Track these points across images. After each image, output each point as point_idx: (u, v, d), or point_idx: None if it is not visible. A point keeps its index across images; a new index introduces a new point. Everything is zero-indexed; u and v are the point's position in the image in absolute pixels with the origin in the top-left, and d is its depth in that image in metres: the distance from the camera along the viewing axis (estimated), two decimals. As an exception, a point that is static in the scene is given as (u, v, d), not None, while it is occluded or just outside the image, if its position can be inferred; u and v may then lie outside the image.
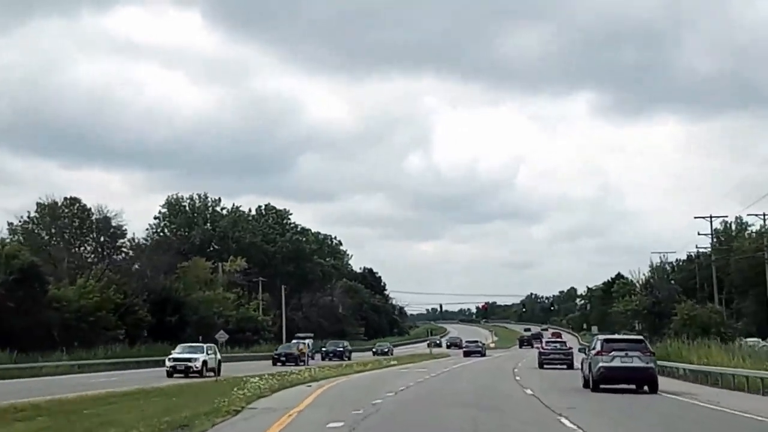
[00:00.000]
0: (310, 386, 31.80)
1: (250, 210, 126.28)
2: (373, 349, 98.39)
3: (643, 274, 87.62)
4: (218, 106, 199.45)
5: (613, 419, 20.78)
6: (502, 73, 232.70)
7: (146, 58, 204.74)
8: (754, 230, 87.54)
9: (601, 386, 29.08)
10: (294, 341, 73.97)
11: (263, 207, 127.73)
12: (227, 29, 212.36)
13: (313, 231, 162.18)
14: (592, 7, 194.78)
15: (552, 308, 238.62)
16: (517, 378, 39.92)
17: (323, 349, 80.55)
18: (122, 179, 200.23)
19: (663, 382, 32.09)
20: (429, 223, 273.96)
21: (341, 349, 78.97)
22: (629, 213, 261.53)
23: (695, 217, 78.97)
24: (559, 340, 66.33)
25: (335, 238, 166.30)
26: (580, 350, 42.49)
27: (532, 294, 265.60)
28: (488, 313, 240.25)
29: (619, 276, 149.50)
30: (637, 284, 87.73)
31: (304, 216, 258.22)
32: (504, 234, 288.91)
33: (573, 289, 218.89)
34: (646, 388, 29.18)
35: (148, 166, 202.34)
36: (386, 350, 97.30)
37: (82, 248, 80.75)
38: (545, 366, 50.63)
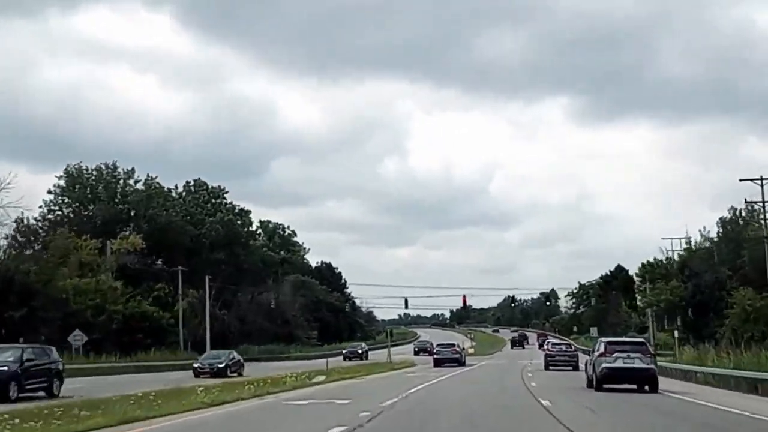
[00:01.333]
0: None
1: (176, 186, 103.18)
2: (344, 352, 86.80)
3: (675, 254, 65.47)
4: (189, 109, 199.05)
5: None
6: (478, 78, 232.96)
7: (116, 60, 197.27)
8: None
9: (604, 386, 30.28)
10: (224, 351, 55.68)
11: (192, 183, 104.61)
12: (198, 31, 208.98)
13: (263, 220, 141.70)
14: (567, 11, 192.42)
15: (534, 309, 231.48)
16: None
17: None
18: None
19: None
20: (403, 229, 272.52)
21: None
22: (604, 218, 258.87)
23: (740, 180, 58.00)
24: (564, 342, 67.62)
25: (288, 227, 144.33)
26: None
27: (509, 297, 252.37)
28: (463, 316, 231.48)
29: (619, 269, 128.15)
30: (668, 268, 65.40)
31: (276, 220, 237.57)
32: (478, 239, 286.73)
33: (554, 291, 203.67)
34: (647, 387, 30.32)
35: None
36: (360, 352, 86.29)
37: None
38: (551, 368, 52.42)
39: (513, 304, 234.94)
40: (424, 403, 24.24)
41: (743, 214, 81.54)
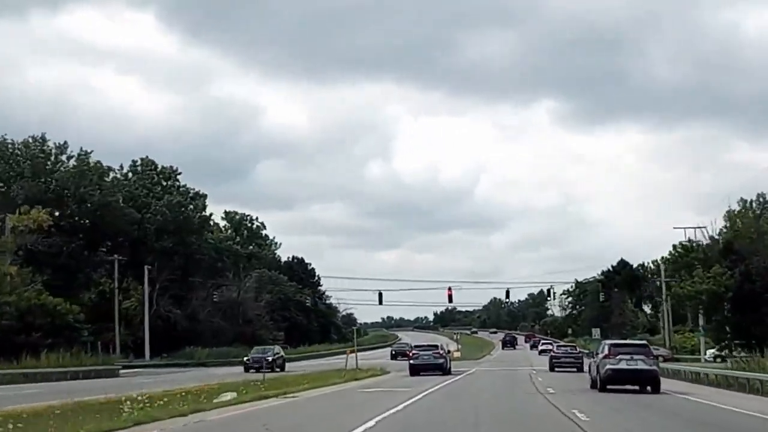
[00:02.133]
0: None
1: (121, 166, 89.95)
2: (245, 359, 59.22)
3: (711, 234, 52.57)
4: (174, 111, 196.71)
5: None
6: (465, 81, 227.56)
7: (100, 61, 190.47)
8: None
9: (608, 387, 30.91)
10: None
11: (138, 162, 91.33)
12: (183, 32, 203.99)
13: (228, 211, 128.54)
14: (555, 14, 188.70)
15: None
16: None
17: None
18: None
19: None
20: (389, 232, 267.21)
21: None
22: (590, 222, 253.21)
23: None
24: (570, 344, 66.96)
25: (256, 219, 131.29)
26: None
27: (495, 299, 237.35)
28: (447, 318, 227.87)
29: (623, 264, 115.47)
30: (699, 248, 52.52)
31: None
32: (464, 243, 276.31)
33: (542, 293, 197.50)
34: (649, 388, 30.91)
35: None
36: (271, 360, 57.16)
37: None
38: (556, 369, 52.70)
39: (506, 301, 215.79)
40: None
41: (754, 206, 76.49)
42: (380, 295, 72.00)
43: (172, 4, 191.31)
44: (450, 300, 68.72)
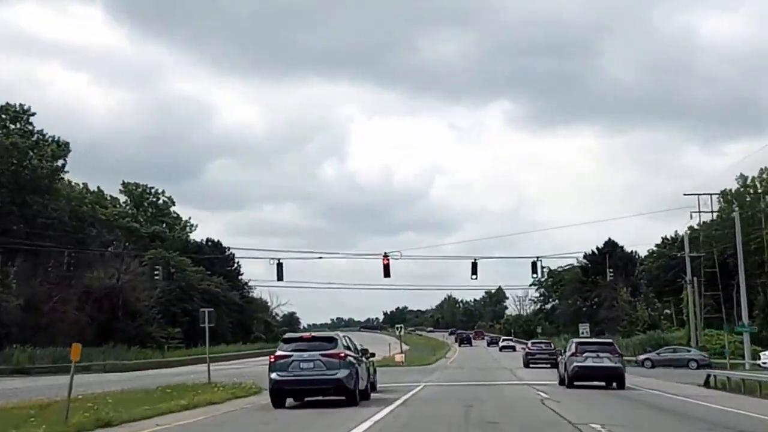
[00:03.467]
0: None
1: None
2: None
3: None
4: (123, 108, 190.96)
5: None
6: (421, 81, 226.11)
7: (46, 56, 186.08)
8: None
9: (575, 383, 32.10)
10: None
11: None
12: (132, 26, 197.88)
13: (126, 182, 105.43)
14: (512, 15, 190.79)
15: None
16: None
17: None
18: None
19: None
20: (342, 234, 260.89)
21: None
22: (543, 225, 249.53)
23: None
24: (544, 341, 66.23)
25: (163, 193, 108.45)
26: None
27: (449, 297, 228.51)
28: (398, 319, 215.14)
29: (611, 244, 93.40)
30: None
31: (213, 225, 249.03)
32: (418, 245, 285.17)
33: (501, 291, 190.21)
34: (614, 384, 32.26)
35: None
36: None
37: None
38: (531, 365, 54.00)
39: (457, 306, 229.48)
40: None
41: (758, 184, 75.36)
42: (278, 265, 47.29)
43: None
44: (386, 271, 46.05)
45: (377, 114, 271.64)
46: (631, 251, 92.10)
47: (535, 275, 54.92)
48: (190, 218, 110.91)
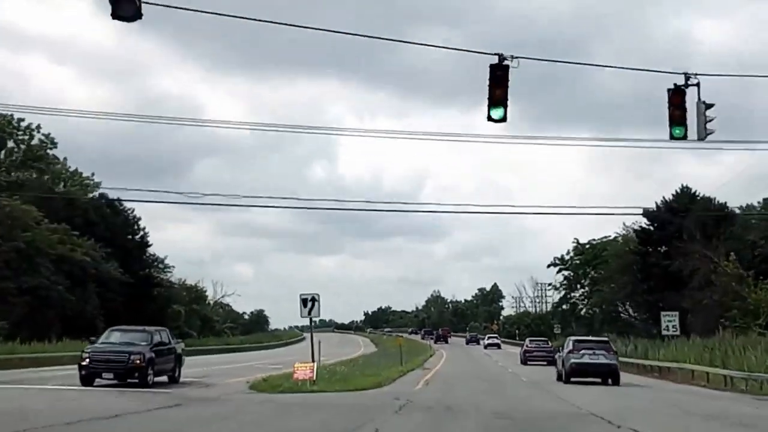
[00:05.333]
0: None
1: None
2: None
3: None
4: (109, 104, 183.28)
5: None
6: (411, 83, 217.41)
7: (30, 48, 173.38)
8: None
9: (572, 379, 34.32)
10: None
11: None
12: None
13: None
14: (502, 17, 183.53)
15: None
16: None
17: None
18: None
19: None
20: (329, 237, 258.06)
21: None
22: (531, 231, 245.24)
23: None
24: (542, 339, 67.28)
25: (37, 129, 79.09)
26: None
27: (435, 295, 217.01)
28: (380, 320, 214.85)
29: (686, 196, 61.83)
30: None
31: (199, 225, 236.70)
32: (405, 250, 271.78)
33: (495, 287, 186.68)
34: (609, 380, 34.50)
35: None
36: None
37: None
38: (529, 362, 54.96)
39: (446, 306, 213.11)
40: None
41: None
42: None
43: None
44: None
45: (367, 115, 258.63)
46: (724, 204, 61.20)
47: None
48: (94, 174, 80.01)
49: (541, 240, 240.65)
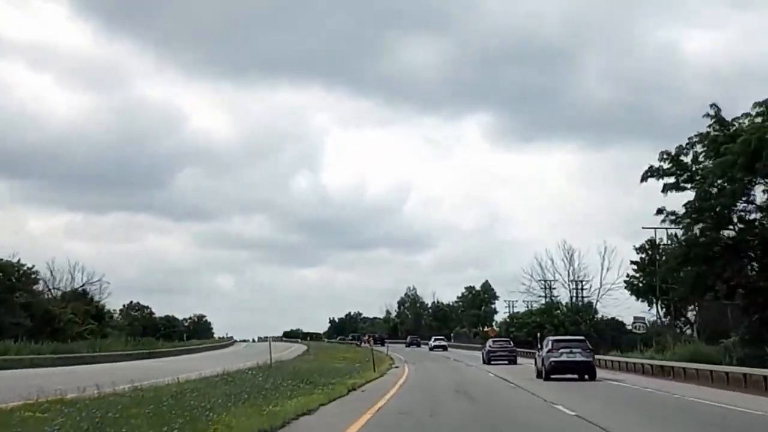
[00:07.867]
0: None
1: None
2: None
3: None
4: (88, 112, 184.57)
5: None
6: (396, 91, 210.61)
7: (6, 54, 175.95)
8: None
9: (552, 376, 36.39)
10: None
11: None
12: (99, 25, 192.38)
13: None
14: (491, 25, 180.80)
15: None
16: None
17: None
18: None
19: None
20: (312, 248, 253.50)
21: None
22: (517, 243, 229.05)
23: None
24: (503, 339, 71.42)
25: None
26: None
27: (412, 295, 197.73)
28: (348, 327, 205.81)
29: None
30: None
31: (179, 236, 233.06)
32: (388, 261, 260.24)
33: (487, 284, 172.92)
34: (587, 376, 36.82)
35: (10, 175, 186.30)
36: None
37: None
38: (492, 362, 57.72)
39: (426, 310, 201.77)
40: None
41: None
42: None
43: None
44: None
45: (351, 123, 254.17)
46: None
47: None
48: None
49: (526, 253, 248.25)
